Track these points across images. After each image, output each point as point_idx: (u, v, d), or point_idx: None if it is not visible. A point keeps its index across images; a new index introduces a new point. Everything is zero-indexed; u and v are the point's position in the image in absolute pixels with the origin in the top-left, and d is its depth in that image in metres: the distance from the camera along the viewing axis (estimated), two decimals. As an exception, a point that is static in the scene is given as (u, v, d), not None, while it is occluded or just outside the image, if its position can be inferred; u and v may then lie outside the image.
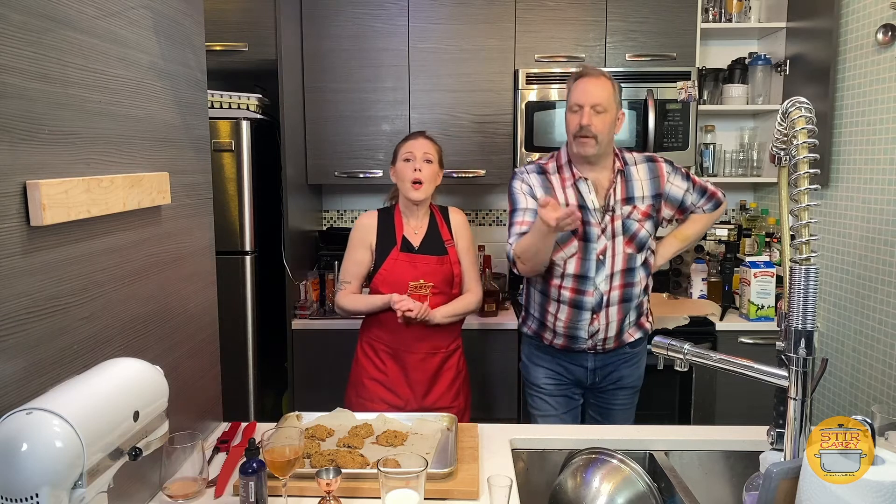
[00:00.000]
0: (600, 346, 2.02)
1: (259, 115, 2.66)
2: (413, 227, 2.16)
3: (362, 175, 2.91)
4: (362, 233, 2.17)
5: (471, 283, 2.18)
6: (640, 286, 2.02)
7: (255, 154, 2.62)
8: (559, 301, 2.00)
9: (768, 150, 3.08)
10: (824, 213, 2.64)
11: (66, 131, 0.98)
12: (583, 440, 1.50)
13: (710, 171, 3.14)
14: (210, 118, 1.63)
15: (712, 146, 3.15)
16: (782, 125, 1.10)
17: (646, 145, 2.76)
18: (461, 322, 2.19)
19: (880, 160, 2.34)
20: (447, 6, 2.83)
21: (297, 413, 1.60)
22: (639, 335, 2.08)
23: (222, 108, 2.61)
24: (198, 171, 1.48)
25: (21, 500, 0.72)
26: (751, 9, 3.05)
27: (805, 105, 1.06)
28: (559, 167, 2.01)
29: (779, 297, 2.68)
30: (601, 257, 1.95)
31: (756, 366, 1.14)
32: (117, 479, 0.87)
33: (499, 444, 1.49)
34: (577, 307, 1.98)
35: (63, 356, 0.97)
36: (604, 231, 1.95)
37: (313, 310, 2.81)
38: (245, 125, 2.58)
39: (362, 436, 1.46)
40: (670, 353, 1.26)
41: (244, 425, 1.59)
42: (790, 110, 1.08)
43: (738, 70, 3.05)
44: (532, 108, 2.81)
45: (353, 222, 3.33)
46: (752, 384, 1.18)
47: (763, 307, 2.67)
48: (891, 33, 2.27)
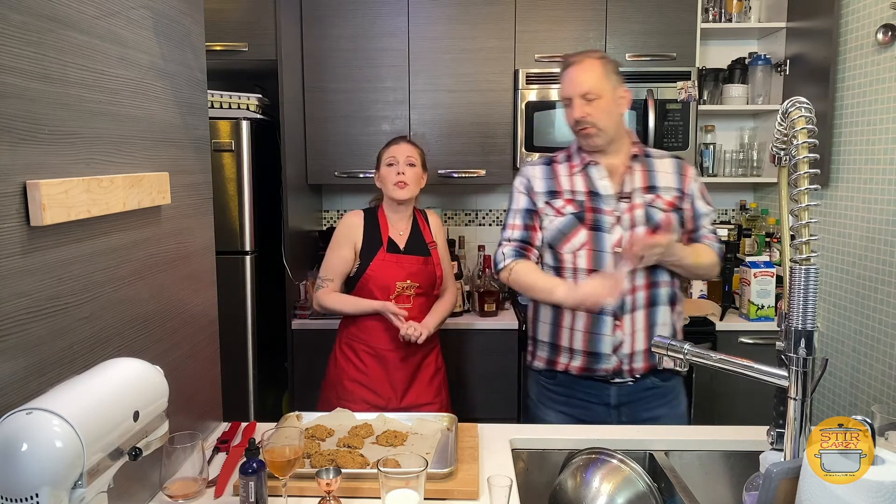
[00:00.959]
0: (626, 366, 1.73)
1: (259, 115, 2.66)
2: (398, 229, 2.18)
3: (362, 175, 2.91)
4: (348, 231, 2.16)
5: (448, 283, 2.26)
6: (667, 289, 1.77)
7: (255, 154, 2.62)
8: (573, 307, 1.73)
9: (768, 150, 3.09)
10: (824, 213, 2.64)
11: (66, 131, 0.98)
12: (583, 440, 1.50)
13: (710, 171, 3.14)
14: (210, 118, 1.63)
15: (712, 146, 3.15)
16: (782, 125, 1.10)
17: (645, 146, 2.76)
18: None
19: (880, 160, 2.34)
20: (447, 6, 2.83)
21: (297, 413, 1.60)
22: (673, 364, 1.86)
23: (222, 108, 2.61)
24: (198, 171, 1.48)
25: (21, 500, 0.72)
26: (751, 9, 3.05)
27: (805, 105, 1.06)
28: (569, 156, 1.84)
29: (779, 297, 2.68)
30: (618, 249, 1.71)
31: (756, 366, 1.14)
32: (117, 479, 0.87)
33: (499, 444, 1.49)
34: (595, 311, 1.72)
35: (63, 356, 0.97)
36: (619, 220, 1.73)
37: (313, 310, 2.81)
38: (245, 125, 2.57)
39: (362, 436, 1.46)
40: (670, 353, 1.26)
41: (244, 425, 1.59)
42: (790, 110, 1.08)
43: (738, 70, 3.05)
44: (532, 108, 2.81)
45: (353, 222, 3.34)
46: (752, 384, 1.18)
47: (763, 307, 2.67)
48: (891, 33, 2.27)
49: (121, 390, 0.87)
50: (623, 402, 1.76)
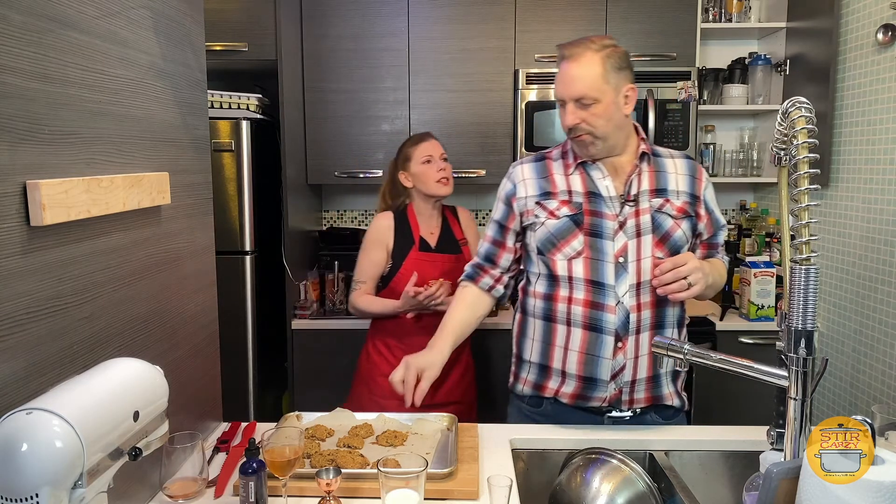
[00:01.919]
0: (626, 396, 1.53)
1: (259, 115, 2.66)
2: (428, 228, 2.19)
3: (362, 175, 2.91)
4: (379, 233, 2.18)
5: None
6: (676, 309, 1.56)
7: (255, 154, 2.62)
8: (569, 323, 1.54)
9: (768, 150, 3.08)
10: (824, 213, 2.64)
11: (66, 131, 0.98)
12: (583, 440, 1.50)
13: (711, 171, 3.14)
14: (210, 118, 1.63)
15: (712, 146, 3.15)
16: (782, 125, 1.10)
17: (646, 145, 2.77)
18: None
19: (880, 160, 2.34)
20: (447, 6, 2.83)
21: (297, 413, 1.60)
22: (678, 402, 1.60)
23: (222, 108, 2.61)
24: (198, 171, 1.48)
25: (21, 500, 0.72)
26: (751, 9, 3.05)
27: (805, 105, 1.06)
28: (564, 152, 1.62)
29: (779, 297, 2.68)
30: (621, 259, 1.51)
31: (756, 366, 1.14)
32: (117, 479, 0.87)
33: (499, 444, 1.49)
34: (594, 329, 1.51)
35: (63, 356, 0.97)
36: (622, 226, 1.52)
37: (313, 310, 2.81)
38: (245, 125, 2.58)
39: (362, 436, 1.46)
40: (670, 353, 1.26)
41: (244, 425, 1.59)
42: (790, 110, 1.07)
43: (738, 70, 3.05)
44: (532, 107, 2.81)
45: (353, 222, 3.35)
46: (751, 384, 1.18)
47: (763, 307, 2.67)
48: (891, 33, 2.27)
49: (121, 390, 0.87)
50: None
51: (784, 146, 1.10)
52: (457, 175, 2.89)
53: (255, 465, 1.12)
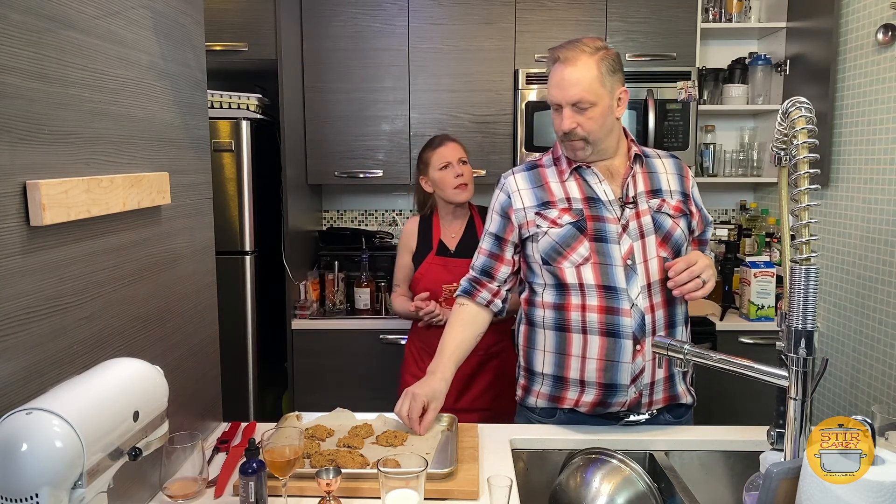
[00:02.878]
0: (646, 398, 1.52)
1: (259, 115, 2.66)
2: (450, 232, 2.23)
3: (362, 175, 2.91)
4: (405, 238, 2.29)
5: None
6: (682, 307, 1.58)
7: (254, 154, 2.62)
8: (585, 331, 1.51)
9: (768, 150, 3.08)
10: (824, 213, 2.64)
11: (66, 131, 0.98)
12: (583, 440, 1.50)
13: (710, 171, 3.14)
14: (210, 118, 1.63)
15: (712, 146, 3.15)
16: (782, 125, 1.10)
17: (645, 146, 2.76)
18: (506, 323, 2.09)
19: (880, 160, 2.34)
20: (447, 6, 2.83)
21: (297, 413, 1.60)
22: (690, 399, 1.62)
23: (222, 108, 2.61)
24: (198, 171, 1.48)
25: (21, 500, 0.72)
26: (751, 9, 3.05)
27: (805, 105, 1.06)
28: (556, 158, 1.61)
29: (779, 297, 2.68)
30: (629, 262, 1.50)
31: (756, 366, 1.14)
32: (117, 479, 0.87)
33: (499, 444, 1.49)
34: (612, 334, 1.49)
35: (63, 356, 0.97)
36: (625, 229, 1.51)
37: (313, 310, 2.81)
38: (245, 125, 2.58)
39: (362, 436, 1.46)
40: (670, 353, 1.26)
41: (244, 425, 1.59)
42: (790, 110, 1.07)
43: (738, 70, 3.05)
44: (532, 107, 2.81)
45: (353, 222, 3.35)
46: (751, 384, 1.18)
47: (763, 307, 2.67)
48: (891, 33, 2.27)
49: (121, 390, 0.87)
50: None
51: (784, 146, 1.10)
52: (457, 175, 2.90)
53: (255, 465, 1.12)
